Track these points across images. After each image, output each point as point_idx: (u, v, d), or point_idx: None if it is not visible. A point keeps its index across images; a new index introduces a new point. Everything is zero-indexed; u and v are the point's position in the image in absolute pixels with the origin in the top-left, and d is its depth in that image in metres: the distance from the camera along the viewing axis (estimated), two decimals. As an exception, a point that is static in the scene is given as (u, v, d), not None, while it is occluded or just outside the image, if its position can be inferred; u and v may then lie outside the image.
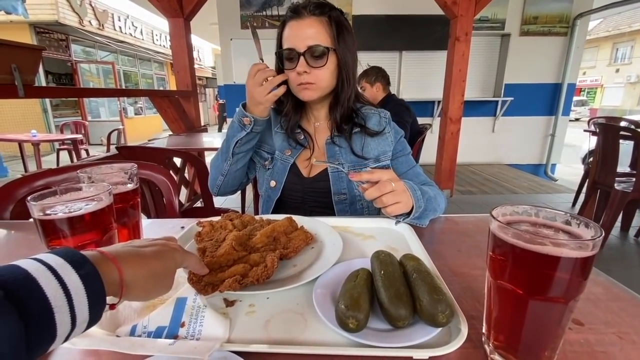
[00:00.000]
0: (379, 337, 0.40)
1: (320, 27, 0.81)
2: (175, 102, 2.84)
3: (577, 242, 0.30)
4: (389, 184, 0.63)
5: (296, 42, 0.80)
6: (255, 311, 0.46)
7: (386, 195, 0.63)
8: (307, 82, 0.82)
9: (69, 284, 0.26)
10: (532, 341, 0.34)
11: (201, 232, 0.63)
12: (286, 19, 0.84)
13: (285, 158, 0.91)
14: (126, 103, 10.07)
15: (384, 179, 0.64)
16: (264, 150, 0.96)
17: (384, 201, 0.63)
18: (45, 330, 0.25)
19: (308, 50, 0.80)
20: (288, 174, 0.91)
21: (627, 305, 0.48)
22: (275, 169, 0.93)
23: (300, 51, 0.80)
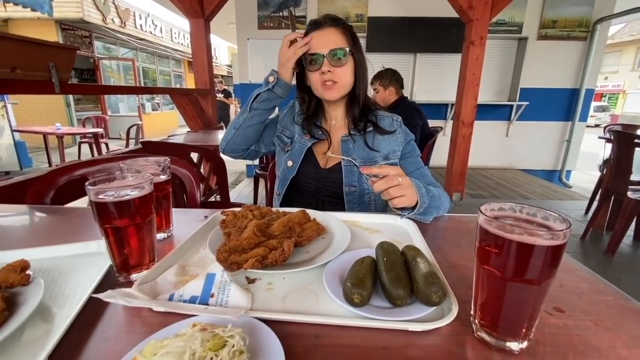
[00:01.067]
0: (379, 312, 0.46)
1: (339, 34, 0.94)
2: (194, 99, 2.95)
3: (549, 233, 0.36)
4: (396, 178, 0.70)
5: (319, 48, 0.93)
6: (273, 288, 0.53)
7: (393, 188, 0.70)
8: (331, 81, 0.93)
9: None
10: (511, 318, 0.40)
11: (225, 219, 0.71)
12: (308, 31, 0.97)
13: (303, 141, 1.02)
14: (144, 99, 10.35)
15: (392, 174, 0.71)
16: (285, 135, 1.07)
17: (391, 193, 0.70)
18: None
19: (330, 52, 0.92)
20: (307, 161, 1.01)
21: (608, 298, 0.53)
22: (294, 150, 1.03)
23: (324, 54, 0.92)
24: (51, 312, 0.47)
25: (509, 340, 0.41)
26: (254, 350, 0.38)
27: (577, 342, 0.43)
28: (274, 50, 4.08)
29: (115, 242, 0.54)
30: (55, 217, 0.86)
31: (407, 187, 0.72)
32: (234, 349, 0.35)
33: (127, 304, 0.44)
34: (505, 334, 0.41)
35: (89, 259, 0.60)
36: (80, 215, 0.87)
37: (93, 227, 0.79)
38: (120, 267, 0.55)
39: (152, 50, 11.13)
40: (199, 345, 0.34)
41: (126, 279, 0.56)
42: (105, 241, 0.54)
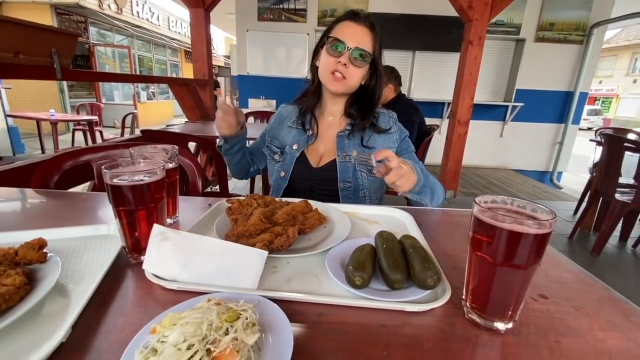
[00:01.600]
0: (378, 294, 0.49)
1: (370, 38, 0.95)
2: (193, 90, 2.95)
3: (536, 222, 0.39)
4: (400, 167, 0.74)
5: (348, 38, 0.92)
6: (278, 271, 0.56)
7: (400, 178, 0.74)
8: (342, 75, 0.93)
9: None
10: (498, 301, 0.44)
11: (231, 207, 0.73)
12: (344, 17, 0.96)
13: (293, 152, 1.04)
14: (139, 88, 10.23)
15: (395, 164, 0.74)
16: (275, 145, 1.09)
17: (398, 184, 0.75)
18: None
19: (355, 49, 0.92)
20: (298, 165, 1.03)
21: (589, 287, 0.57)
22: (285, 161, 1.05)
23: (349, 46, 0.92)
24: (68, 288, 0.50)
25: (496, 321, 0.44)
26: (264, 324, 0.41)
27: (558, 325, 0.47)
28: (273, 42, 4.14)
29: (127, 224, 0.56)
30: (61, 201, 0.88)
31: (410, 172, 0.76)
32: (247, 321, 0.38)
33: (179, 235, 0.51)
34: (494, 315, 0.44)
35: (100, 241, 0.63)
36: (86, 200, 0.89)
37: (99, 211, 0.82)
38: (131, 249, 0.58)
39: (149, 38, 10.97)
40: (216, 316, 0.37)
41: (137, 260, 0.59)
42: (118, 223, 0.56)
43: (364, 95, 1.02)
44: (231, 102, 8.42)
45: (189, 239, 0.52)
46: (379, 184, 1.04)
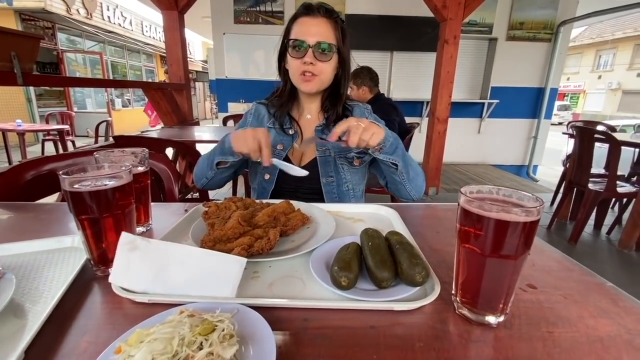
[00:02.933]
0: (366, 294, 0.47)
1: (329, 27, 0.91)
2: (169, 94, 2.86)
3: (524, 209, 0.38)
4: (359, 125, 0.74)
5: (307, 36, 0.89)
6: (259, 276, 0.53)
7: (363, 133, 0.74)
8: (311, 73, 0.91)
9: None
10: (489, 294, 0.42)
11: (208, 211, 0.69)
12: (298, 14, 0.93)
13: (278, 152, 0.99)
14: (113, 94, 9.89)
15: (353, 124, 0.75)
16: None
17: (364, 139, 0.74)
18: None
19: (317, 45, 0.89)
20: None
21: (575, 274, 0.57)
22: None
23: (310, 44, 0.89)
24: (24, 308, 0.45)
25: (487, 314, 0.43)
26: (244, 335, 0.38)
27: (549, 315, 0.46)
28: (251, 45, 4.08)
29: (92, 235, 0.51)
30: (23, 214, 0.81)
31: (369, 126, 0.76)
32: (223, 333, 0.35)
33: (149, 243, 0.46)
34: (485, 309, 0.43)
35: (63, 254, 0.58)
36: (51, 211, 0.82)
37: (64, 223, 0.76)
38: (97, 261, 0.53)
39: (122, 43, 10.64)
40: (188, 330, 0.34)
41: (104, 272, 0.54)
42: (82, 233, 0.51)
43: (335, 86, 1.01)
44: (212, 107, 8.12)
45: (160, 247, 0.48)
46: (360, 174, 1.04)
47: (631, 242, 2.49)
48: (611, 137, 2.43)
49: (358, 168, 1.02)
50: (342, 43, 0.94)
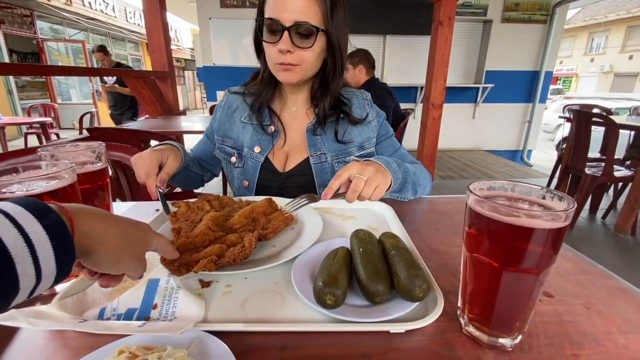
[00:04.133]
0: (356, 312, 0.40)
1: (314, 2, 0.69)
2: (151, 83, 2.72)
3: (550, 214, 0.30)
4: (360, 179, 0.58)
5: (281, 14, 0.68)
6: (231, 291, 0.45)
7: (364, 190, 0.58)
8: (289, 63, 0.72)
9: (30, 234, 0.24)
10: (504, 312, 0.35)
11: (177, 212, 0.61)
12: None
13: (256, 156, 0.84)
14: (99, 85, 9.57)
15: (353, 174, 0.58)
16: (227, 146, 0.88)
17: (364, 196, 0.59)
18: (4, 282, 0.23)
19: (294, 26, 0.68)
20: (260, 172, 0.84)
21: (594, 278, 0.50)
22: (246, 167, 0.85)
23: (285, 25, 0.68)
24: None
25: (502, 336, 0.36)
26: (203, 375, 0.30)
27: (571, 331, 0.39)
28: (239, 30, 3.88)
29: (29, 248, 0.43)
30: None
31: (374, 177, 0.59)
32: (172, 381, 0.27)
33: (32, 326, 0.34)
34: (498, 329, 0.36)
35: None
36: None
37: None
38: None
39: (105, 31, 10.23)
40: (124, 381, 0.26)
41: (50, 291, 0.46)
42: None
43: (326, 76, 0.81)
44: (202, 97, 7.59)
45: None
46: None
47: (627, 226, 2.46)
48: (609, 120, 2.37)
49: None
50: (329, 20, 0.71)
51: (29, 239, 0.24)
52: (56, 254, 0.25)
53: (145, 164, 0.66)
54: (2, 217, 0.24)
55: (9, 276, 0.23)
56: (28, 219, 0.25)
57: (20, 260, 0.23)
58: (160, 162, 0.69)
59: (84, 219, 0.30)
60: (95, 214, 0.32)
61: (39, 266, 0.24)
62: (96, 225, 0.31)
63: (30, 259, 0.24)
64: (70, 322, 0.37)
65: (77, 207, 0.30)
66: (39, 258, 0.24)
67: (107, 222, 0.32)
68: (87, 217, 0.30)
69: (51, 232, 0.25)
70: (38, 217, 0.25)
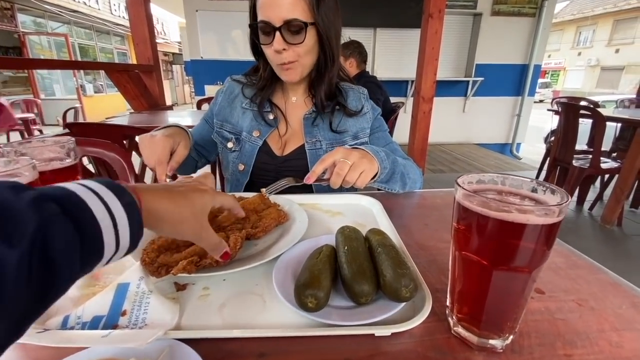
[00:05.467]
0: (340, 315, 0.37)
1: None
2: (136, 77, 2.64)
3: (543, 208, 0.28)
4: (344, 163, 0.59)
5: (271, 14, 0.70)
6: (209, 294, 0.42)
7: (348, 174, 0.59)
8: (288, 62, 0.75)
9: (113, 210, 0.27)
10: (495, 313, 0.33)
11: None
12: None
13: (254, 140, 0.85)
14: (84, 80, 9.32)
15: (338, 158, 0.59)
16: (226, 130, 0.89)
17: (349, 181, 0.60)
18: (95, 247, 0.26)
19: (284, 25, 0.70)
20: (259, 155, 0.85)
21: (585, 272, 0.49)
22: (243, 151, 0.86)
23: (276, 25, 0.70)
24: None
25: (492, 337, 0.34)
26: (172, 389, 0.28)
27: (563, 330, 0.37)
28: (227, 23, 3.80)
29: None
30: None
31: (359, 162, 0.60)
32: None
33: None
34: (488, 329, 0.34)
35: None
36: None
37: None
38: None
39: (89, 24, 9.94)
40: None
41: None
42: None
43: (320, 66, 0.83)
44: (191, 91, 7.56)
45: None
46: None
47: (613, 217, 2.51)
48: (596, 113, 2.39)
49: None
50: (317, 12, 0.72)
51: (112, 214, 0.27)
52: (131, 230, 0.29)
53: (158, 149, 0.67)
54: (91, 193, 0.27)
55: (98, 243, 0.26)
56: (111, 197, 0.28)
57: (106, 230, 0.27)
58: (172, 148, 0.70)
59: (150, 197, 0.33)
60: (160, 192, 0.35)
61: (118, 238, 0.28)
62: (160, 203, 0.34)
63: (112, 231, 0.27)
64: (28, 332, 0.34)
65: (144, 187, 0.34)
66: (119, 232, 0.28)
67: (171, 198, 0.35)
68: (153, 195, 0.34)
69: (128, 210, 0.28)
70: (118, 196, 0.28)
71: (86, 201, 0.26)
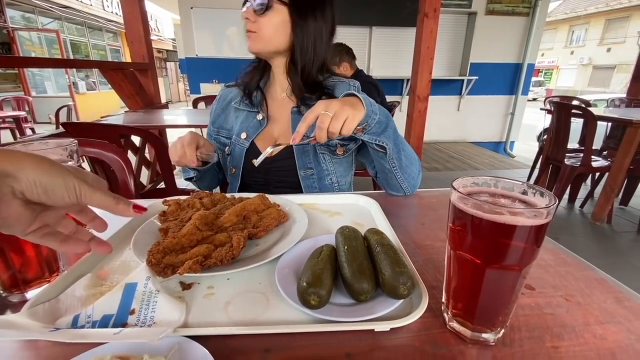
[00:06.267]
0: (341, 312, 0.39)
1: None
2: (131, 75, 2.62)
3: (532, 211, 0.30)
4: (325, 115, 0.58)
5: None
6: (214, 293, 0.44)
7: (331, 124, 0.58)
8: (249, 30, 0.79)
9: None
10: (487, 308, 0.35)
11: (166, 211, 0.59)
12: None
13: (242, 142, 0.87)
14: (76, 77, 9.20)
15: (319, 112, 0.58)
16: (222, 136, 0.93)
17: (333, 131, 0.59)
18: None
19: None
20: (248, 157, 0.86)
21: (573, 269, 0.51)
22: (234, 154, 0.89)
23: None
24: None
25: (485, 331, 0.36)
26: (183, 383, 0.29)
27: (551, 323, 0.40)
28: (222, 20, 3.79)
29: (-5, 254, 0.41)
30: None
31: (342, 110, 0.59)
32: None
33: (1, 337, 0.32)
34: (481, 324, 0.36)
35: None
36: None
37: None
38: (8, 285, 0.43)
39: (81, 20, 9.81)
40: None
41: (21, 298, 0.43)
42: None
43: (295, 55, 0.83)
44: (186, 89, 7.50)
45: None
46: (345, 165, 0.90)
47: (603, 214, 2.56)
48: (588, 112, 2.43)
49: (342, 157, 0.88)
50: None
51: None
52: None
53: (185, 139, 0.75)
54: None
55: None
56: None
57: None
58: (197, 142, 0.76)
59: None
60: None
61: None
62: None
63: None
64: (41, 331, 0.35)
65: None
66: None
67: None
68: None
69: None
70: None
71: None
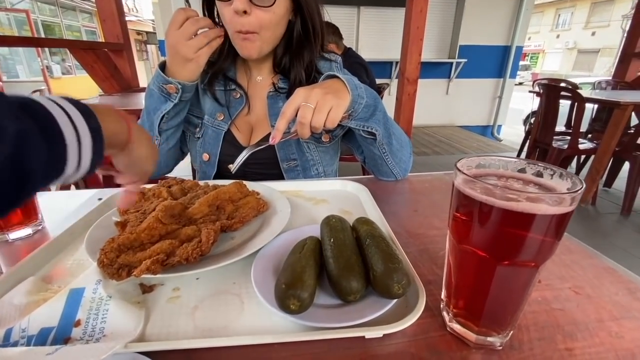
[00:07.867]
0: (327, 315, 0.34)
1: None
2: (104, 56, 2.45)
3: (554, 196, 0.25)
4: (306, 107, 0.51)
5: None
6: (180, 296, 0.38)
7: (313, 118, 0.51)
8: (247, 31, 0.63)
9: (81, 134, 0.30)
10: (496, 308, 0.31)
11: (123, 202, 0.52)
12: None
13: (218, 124, 0.76)
14: (50, 61, 8.71)
15: (299, 103, 0.51)
16: (194, 115, 0.78)
17: (317, 126, 0.52)
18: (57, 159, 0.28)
19: None
20: (223, 144, 0.76)
21: (579, 257, 0.47)
22: (207, 138, 0.77)
23: None
24: None
25: (491, 335, 0.31)
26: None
27: (562, 321, 0.35)
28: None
29: None
30: None
31: (323, 100, 0.52)
32: None
33: None
34: (488, 326, 0.31)
35: None
36: None
37: None
38: None
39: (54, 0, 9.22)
40: None
41: None
42: None
43: (291, 38, 0.72)
44: None
45: None
46: (331, 153, 0.83)
47: (588, 196, 2.59)
48: (576, 94, 2.42)
49: (328, 145, 0.80)
50: None
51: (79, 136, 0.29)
52: (93, 150, 0.31)
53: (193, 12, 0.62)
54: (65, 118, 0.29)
55: (62, 157, 0.28)
56: (80, 119, 0.30)
57: (72, 149, 0.29)
58: None
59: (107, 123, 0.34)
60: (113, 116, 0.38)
61: (80, 157, 0.30)
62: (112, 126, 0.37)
63: (77, 150, 0.29)
64: None
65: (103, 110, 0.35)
66: (82, 152, 0.30)
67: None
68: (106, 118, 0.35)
69: (93, 134, 0.31)
70: (86, 119, 0.31)
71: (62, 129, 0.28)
